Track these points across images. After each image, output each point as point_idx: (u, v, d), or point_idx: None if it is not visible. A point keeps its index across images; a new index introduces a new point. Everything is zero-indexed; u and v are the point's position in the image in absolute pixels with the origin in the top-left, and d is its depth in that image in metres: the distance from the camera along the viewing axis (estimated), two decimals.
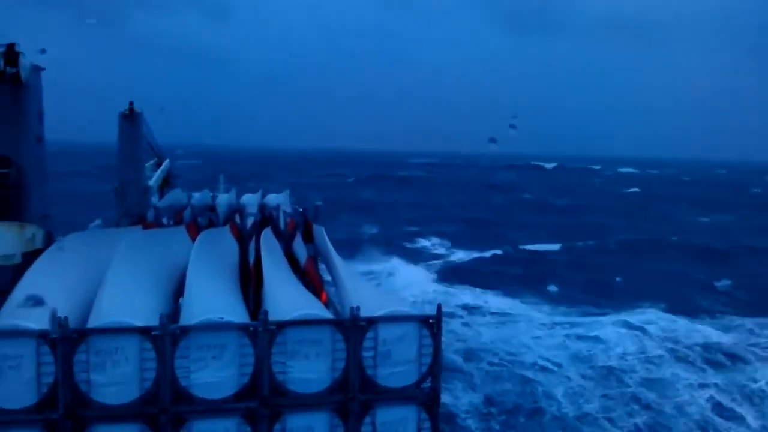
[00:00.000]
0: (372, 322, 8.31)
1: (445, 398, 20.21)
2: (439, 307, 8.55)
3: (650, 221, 71.65)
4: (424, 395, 8.52)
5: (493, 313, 32.72)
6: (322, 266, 13.98)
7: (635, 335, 28.86)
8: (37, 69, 11.95)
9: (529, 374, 24.32)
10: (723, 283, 40.96)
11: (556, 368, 25.10)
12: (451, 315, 30.36)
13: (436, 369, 8.52)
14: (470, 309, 33.15)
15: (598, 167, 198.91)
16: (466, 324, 30.36)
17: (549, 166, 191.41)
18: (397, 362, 8.41)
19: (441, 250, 51.88)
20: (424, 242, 54.85)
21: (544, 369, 25.00)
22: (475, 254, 49.56)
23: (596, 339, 28.49)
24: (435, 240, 55.66)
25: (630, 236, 59.38)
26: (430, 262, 45.95)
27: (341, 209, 63.63)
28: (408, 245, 52.13)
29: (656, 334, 29.02)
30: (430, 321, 8.50)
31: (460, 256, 49.66)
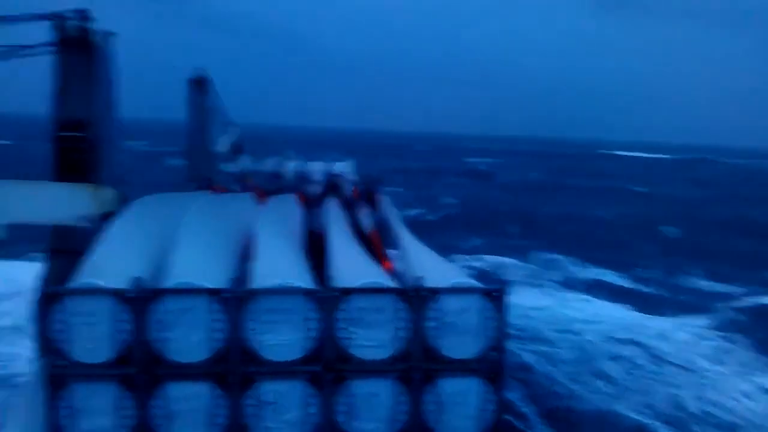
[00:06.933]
0: (435, 292, 8.23)
1: None
2: (503, 280, 8.40)
3: None
4: (488, 368, 8.40)
5: None
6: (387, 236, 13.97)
7: None
8: (109, 35, 12.15)
9: None
10: None
11: None
12: None
13: (500, 342, 8.39)
14: None
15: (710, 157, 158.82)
16: None
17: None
18: (460, 333, 8.31)
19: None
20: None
21: None
22: None
23: None
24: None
25: None
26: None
27: None
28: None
29: None
30: (494, 294, 8.35)
31: None
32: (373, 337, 8.17)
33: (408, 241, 11.50)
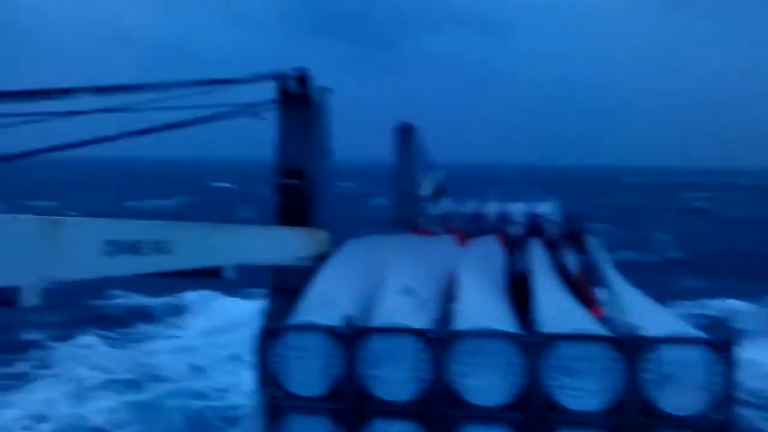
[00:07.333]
0: (652, 342, 7.60)
1: None
2: (730, 330, 7.55)
3: None
4: (713, 428, 7.55)
5: None
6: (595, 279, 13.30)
7: None
8: (325, 90, 13.12)
9: None
10: None
11: None
12: None
13: (727, 401, 7.50)
14: None
15: None
16: None
17: None
18: (680, 388, 7.56)
19: None
20: None
21: None
22: None
23: None
24: None
25: None
26: None
27: None
28: None
29: None
30: (720, 346, 7.51)
31: None
32: (582, 387, 7.74)
33: (619, 284, 10.85)
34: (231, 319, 29.74)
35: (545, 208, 19.56)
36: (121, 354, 26.58)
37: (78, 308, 30.61)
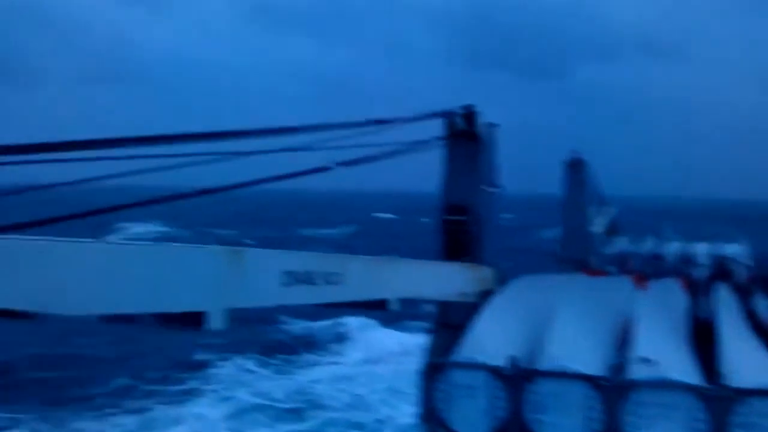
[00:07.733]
0: None
1: None
2: None
3: None
4: None
5: None
6: None
7: None
8: (491, 125, 13.06)
9: None
10: None
11: None
12: None
13: None
14: None
15: None
16: None
17: None
18: None
19: None
20: None
21: None
22: None
23: None
24: None
25: None
26: None
27: None
28: None
29: None
30: None
31: None
32: None
33: None
34: (390, 349, 29.98)
35: (733, 248, 17.94)
36: (283, 380, 27.49)
37: (244, 332, 32.19)
